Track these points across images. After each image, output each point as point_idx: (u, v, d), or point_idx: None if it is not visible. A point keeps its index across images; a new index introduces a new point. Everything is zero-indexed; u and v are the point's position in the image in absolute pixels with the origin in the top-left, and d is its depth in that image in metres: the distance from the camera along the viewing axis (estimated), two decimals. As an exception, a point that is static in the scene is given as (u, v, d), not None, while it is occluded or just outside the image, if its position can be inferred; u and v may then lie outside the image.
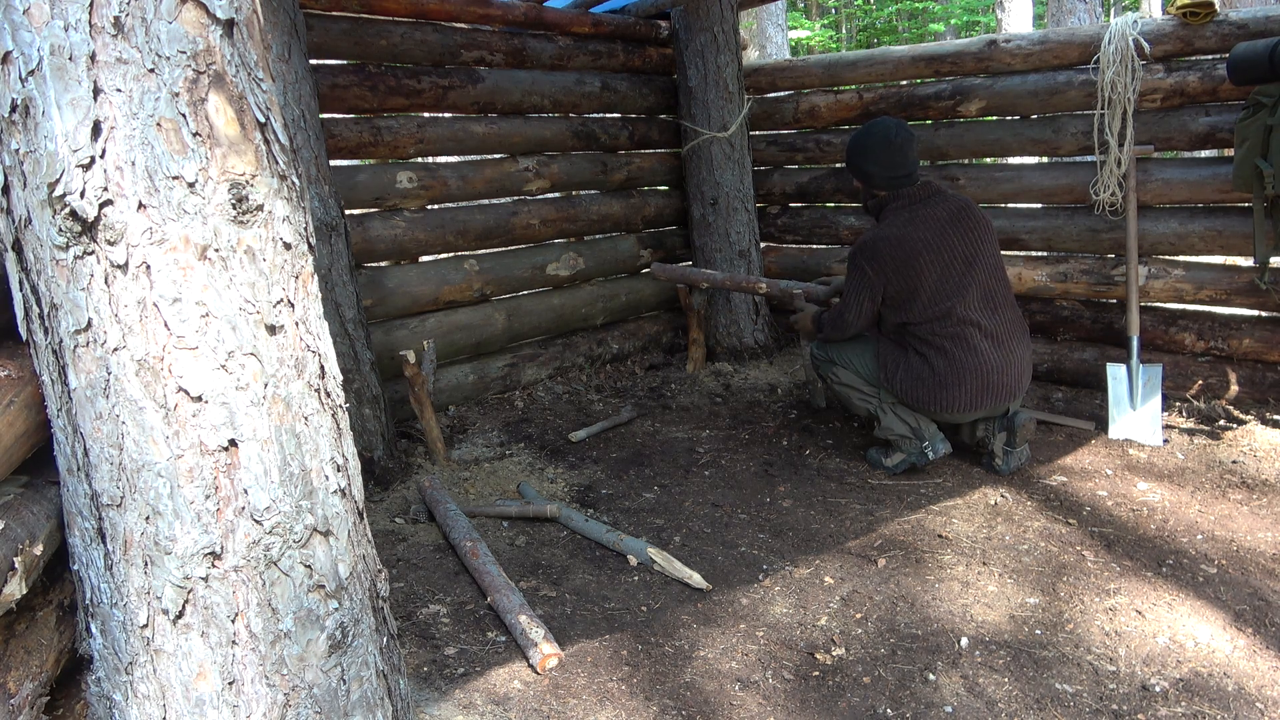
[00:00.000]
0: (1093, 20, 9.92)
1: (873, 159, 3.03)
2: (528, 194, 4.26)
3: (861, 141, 3.07)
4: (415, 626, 2.27)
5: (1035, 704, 1.88)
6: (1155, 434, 3.21)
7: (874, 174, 3.04)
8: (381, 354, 3.51)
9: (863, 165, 3.06)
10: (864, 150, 3.05)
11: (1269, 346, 3.38)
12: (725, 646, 2.15)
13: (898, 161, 3.01)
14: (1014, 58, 3.80)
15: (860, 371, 3.18)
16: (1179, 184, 3.49)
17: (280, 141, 1.33)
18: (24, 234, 1.25)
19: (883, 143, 3.01)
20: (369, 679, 1.49)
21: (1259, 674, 1.93)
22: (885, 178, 3.03)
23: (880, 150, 3.01)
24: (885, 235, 2.97)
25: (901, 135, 3.02)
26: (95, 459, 1.30)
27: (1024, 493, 2.89)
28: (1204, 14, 3.29)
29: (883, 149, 3.01)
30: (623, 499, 3.02)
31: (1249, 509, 2.68)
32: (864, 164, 3.06)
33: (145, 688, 1.35)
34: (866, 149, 3.04)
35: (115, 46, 1.16)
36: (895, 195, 3.04)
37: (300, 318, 1.37)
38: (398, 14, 3.61)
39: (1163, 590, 2.27)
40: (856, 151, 3.09)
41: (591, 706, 1.95)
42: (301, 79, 2.95)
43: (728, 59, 4.45)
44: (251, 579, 1.32)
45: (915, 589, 2.35)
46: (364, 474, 3.13)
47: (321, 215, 3.04)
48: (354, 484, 1.49)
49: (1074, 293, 3.83)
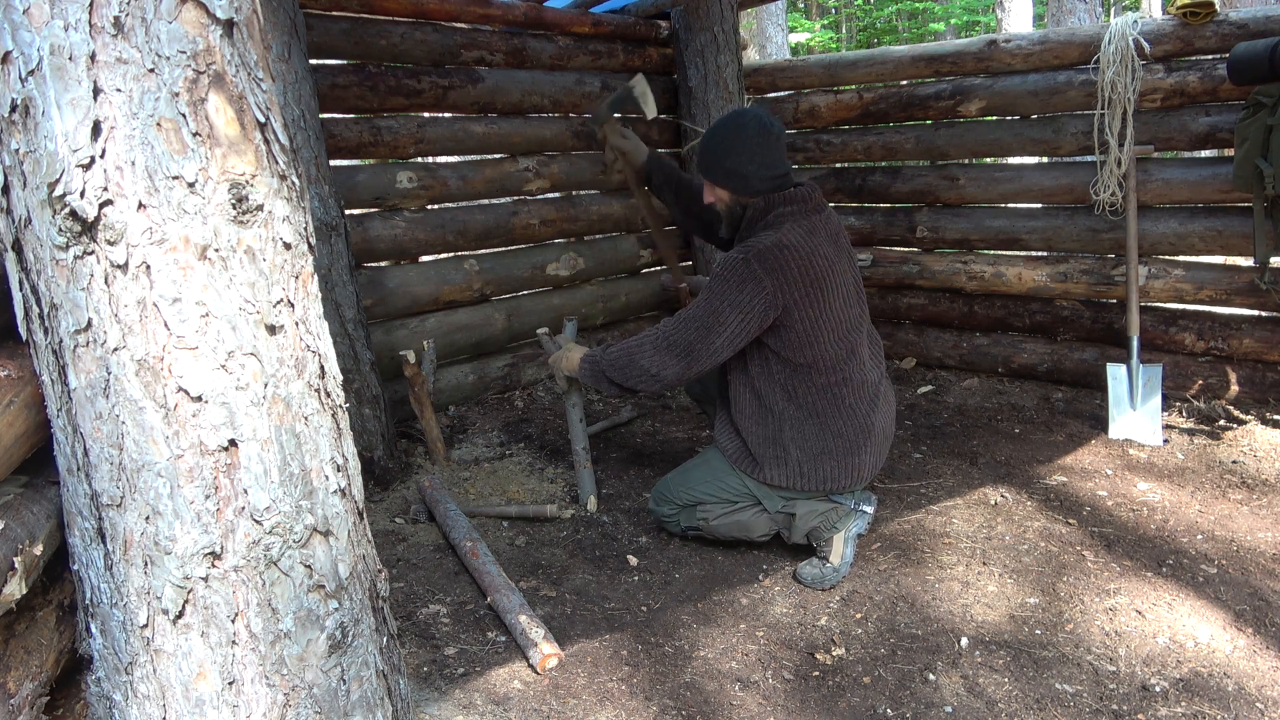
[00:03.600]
0: (1093, 20, 9.92)
1: (748, 156, 2.36)
2: (528, 194, 4.26)
3: (729, 137, 2.39)
4: (415, 626, 2.27)
5: (1035, 704, 1.88)
6: (1155, 434, 3.21)
7: (750, 175, 2.38)
8: (381, 354, 3.51)
9: (735, 166, 2.38)
10: (734, 147, 2.37)
11: (1269, 346, 3.38)
12: (725, 646, 2.15)
13: (777, 158, 2.39)
14: (1014, 58, 3.80)
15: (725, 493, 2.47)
16: (1179, 184, 3.49)
17: (280, 141, 1.33)
18: (24, 234, 1.25)
19: (760, 135, 2.37)
20: (369, 679, 1.49)
21: (1259, 674, 1.93)
22: (764, 178, 2.38)
23: (758, 144, 2.37)
24: (787, 244, 2.29)
25: (777, 125, 2.41)
26: (95, 459, 1.30)
27: (1024, 493, 2.89)
28: (1204, 14, 3.29)
29: (760, 143, 2.37)
30: (623, 499, 3.02)
31: (1249, 509, 2.68)
32: (737, 164, 2.38)
33: (145, 688, 1.35)
34: (738, 145, 2.37)
35: (115, 46, 1.16)
36: (780, 199, 2.38)
37: (300, 318, 1.37)
38: (398, 14, 3.61)
39: (1163, 590, 2.27)
40: (724, 150, 2.39)
41: (591, 706, 1.95)
42: (301, 79, 2.95)
43: (728, 59, 4.45)
44: (251, 579, 1.32)
45: (915, 589, 2.35)
46: (364, 474, 3.13)
47: (321, 215, 3.04)
48: (354, 484, 1.49)
49: (1074, 293, 3.83)
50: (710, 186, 2.50)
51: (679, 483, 2.57)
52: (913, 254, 4.30)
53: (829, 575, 2.38)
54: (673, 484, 2.58)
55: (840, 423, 2.38)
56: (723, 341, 2.31)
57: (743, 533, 2.52)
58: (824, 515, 2.43)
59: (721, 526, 2.52)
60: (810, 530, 2.45)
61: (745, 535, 2.53)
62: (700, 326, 2.32)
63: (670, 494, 2.58)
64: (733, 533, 2.53)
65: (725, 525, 2.51)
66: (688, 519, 2.56)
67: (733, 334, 2.30)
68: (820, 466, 2.39)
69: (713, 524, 2.52)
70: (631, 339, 2.49)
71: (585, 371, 2.59)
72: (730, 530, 2.52)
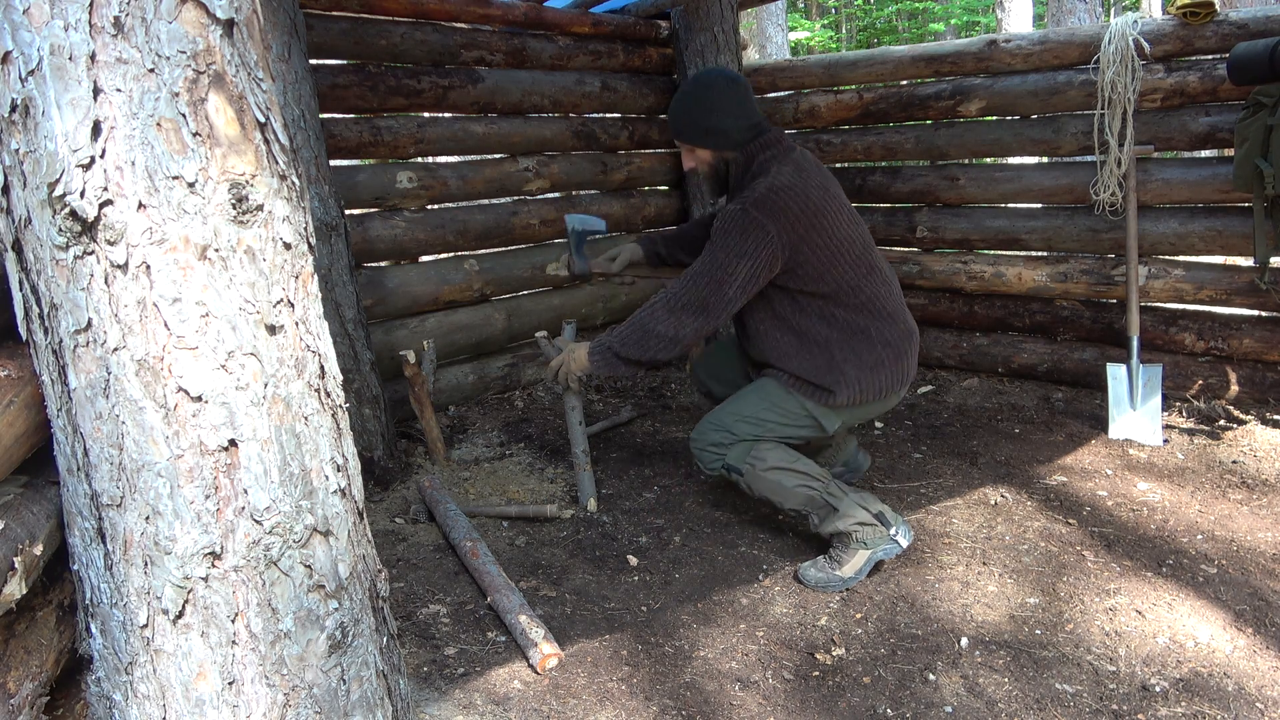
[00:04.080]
0: (1093, 20, 9.92)
1: (724, 111, 2.41)
2: (528, 194, 4.26)
3: (701, 97, 2.44)
4: (415, 626, 2.27)
5: (1035, 704, 1.88)
6: (1155, 434, 3.21)
7: (730, 129, 2.42)
8: (381, 354, 3.51)
9: (715, 123, 2.43)
10: (710, 105, 2.42)
11: (1269, 346, 3.38)
12: (725, 646, 2.15)
13: (750, 107, 2.44)
14: (1014, 58, 3.80)
15: (786, 428, 2.45)
16: (1179, 184, 3.49)
17: (280, 141, 1.33)
18: (24, 234, 1.25)
19: (730, 87, 2.43)
20: (369, 679, 1.49)
21: (1259, 674, 1.93)
22: (744, 129, 2.43)
23: (730, 98, 2.42)
24: (781, 185, 2.34)
25: (741, 77, 2.49)
26: (95, 459, 1.30)
27: (1024, 493, 2.89)
28: (1204, 14, 3.29)
29: (732, 95, 2.42)
30: (623, 499, 3.02)
31: (1249, 509, 2.68)
32: (716, 121, 2.42)
33: (145, 688, 1.35)
34: (712, 102, 2.42)
35: (115, 46, 1.16)
36: (757, 146, 2.43)
37: (300, 318, 1.37)
38: (398, 14, 3.61)
39: (1163, 590, 2.27)
40: (699, 111, 2.43)
41: (591, 706, 1.95)
42: (301, 79, 2.95)
43: (728, 59, 4.45)
44: (251, 579, 1.32)
45: (915, 589, 2.35)
46: (364, 474, 3.13)
47: (321, 215, 3.04)
48: (354, 484, 1.49)
49: (1074, 293, 3.83)
50: (690, 151, 2.52)
51: (732, 411, 2.47)
52: (913, 254, 4.30)
53: (834, 583, 2.35)
54: (725, 413, 2.48)
55: (886, 331, 2.44)
56: (735, 290, 2.34)
57: (777, 492, 2.40)
58: (865, 528, 2.34)
59: (766, 480, 2.40)
60: (840, 532, 2.37)
61: (776, 495, 2.41)
62: (710, 280, 2.34)
63: (724, 423, 2.45)
64: (768, 493, 2.42)
65: (769, 480, 2.40)
66: (738, 456, 2.43)
67: (744, 282, 2.33)
68: (877, 377, 2.43)
69: (761, 474, 2.40)
70: (637, 313, 2.49)
71: (598, 362, 2.56)
72: (769, 489, 2.41)
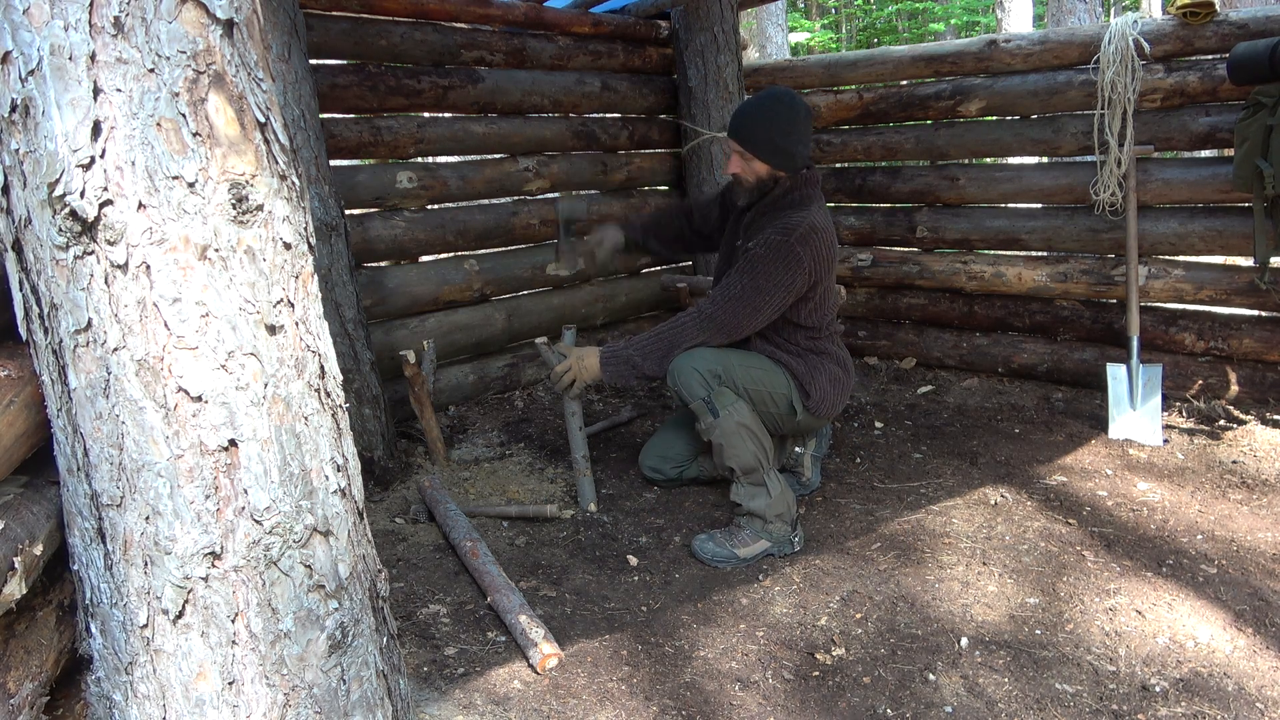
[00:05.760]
0: (1093, 20, 9.92)
1: (798, 137, 2.50)
2: (528, 194, 4.26)
3: (783, 116, 2.49)
4: (415, 626, 2.27)
5: (1035, 704, 1.88)
6: (1155, 434, 3.21)
7: (797, 155, 2.52)
8: (381, 354, 3.51)
9: (788, 145, 2.50)
10: (789, 127, 2.49)
11: (1269, 346, 3.38)
12: (725, 646, 2.15)
13: (811, 139, 2.56)
14: (1014, 58, 3.80)
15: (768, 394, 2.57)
16: (1179, 184, 3.49)
17: (280, 141, 1.34)
18: (24, 234, 1.25)
19: (807, 117, 2.52)
20: (369, 679, 1.49)
21: (1259, 674, 1.93)
22: (804, 157, 2.55)
23: (806, 125, 2.52)
24: (819, 225, 2.51)
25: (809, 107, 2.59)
26: (95, 459, 1.30)
27: (1024, 493, 2.89)
28: (1204, 14, 3.29)
29: (807, 123, 2.52)
30: (623, 499, 3.02)
31: (1249, 509, 2.68)
32: (789, 143, 2.50)
33: (145, 688, 1.35)
34: (792, 126, 2.49)
35: (115, 46, 1.16)
36: (805, 180, 2.57)
37: (300, 318, 1.37)
38: (398, 14, 3.61)
39: (1163, 590, 2.27)
40: (778, 129, 2.48)
41: (591, 706, 1.95)
42: (301, 79, 2.95)
43: (728, 59, 4.45)
44: (251, 579, 1.32)
45: (915, 589, 2.35)
46: (364, 474, 3.13)
47: (321, 215, 3.04)
48: (354, 484, 1.49)
49: (1074, 293, 3.83)
50: (748, 160, 2.56)
51: (729, 357, 2.51)
52: (913, 254, 4.29)
53: (729, 559, 2.50)
54: (725, 355, 2.52)
55: (844, 357, 2.76)
56: (764, 317, 2.53)
57: (729, 449, 2.48)
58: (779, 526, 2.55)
59: (732, 432, 2.47)
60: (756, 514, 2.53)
61: (728, 452, 2.49)
62: (749, 305, 2.49)
63: (724, 361, 2.50)
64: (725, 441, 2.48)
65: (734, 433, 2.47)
66: (723, 401, 2.47)
67: (774, 310, 2.52)
68: (839, 395, 2.72)
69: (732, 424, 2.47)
70: (662, 326, 2.61)
71: (611, 372, 2.58)
72: (728, 439, 2.48)
